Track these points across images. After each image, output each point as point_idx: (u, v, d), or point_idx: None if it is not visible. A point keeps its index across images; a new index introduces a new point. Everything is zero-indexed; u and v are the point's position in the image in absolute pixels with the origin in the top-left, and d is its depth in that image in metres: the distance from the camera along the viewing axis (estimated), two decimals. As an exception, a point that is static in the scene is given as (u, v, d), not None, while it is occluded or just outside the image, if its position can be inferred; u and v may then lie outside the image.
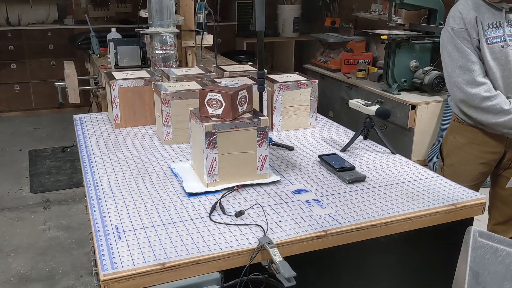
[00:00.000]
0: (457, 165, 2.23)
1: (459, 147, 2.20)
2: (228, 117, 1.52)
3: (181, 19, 2.90)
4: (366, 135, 2.00)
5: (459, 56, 2.03)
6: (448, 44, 2.07)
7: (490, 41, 1.99)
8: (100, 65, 3.41)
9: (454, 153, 2.22)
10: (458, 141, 2.20)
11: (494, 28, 1.98)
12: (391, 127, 3.66)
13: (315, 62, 4.75)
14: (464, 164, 2.20)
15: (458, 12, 2.03)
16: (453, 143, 2.23)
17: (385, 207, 1.43)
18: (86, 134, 2.09)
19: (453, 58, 2.05)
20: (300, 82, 2.12)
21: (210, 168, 1.52)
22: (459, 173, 2.16)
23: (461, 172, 2.18)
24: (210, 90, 1.54)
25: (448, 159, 2.27)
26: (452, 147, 2.24)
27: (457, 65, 2.04)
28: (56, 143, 4.97)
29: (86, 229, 3.19)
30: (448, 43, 2.07)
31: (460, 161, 2.21)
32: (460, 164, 2.21)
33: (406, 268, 1.50)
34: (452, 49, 2.05)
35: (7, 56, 5.66)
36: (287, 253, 1.24)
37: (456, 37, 2.03)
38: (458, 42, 2.02)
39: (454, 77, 2.06)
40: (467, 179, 2.13)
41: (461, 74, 2.03)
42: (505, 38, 1.98)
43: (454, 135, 2.22)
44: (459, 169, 2.21)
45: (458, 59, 2.03)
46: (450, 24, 2.05)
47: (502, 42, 1.98)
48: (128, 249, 1.21)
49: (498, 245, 1.28)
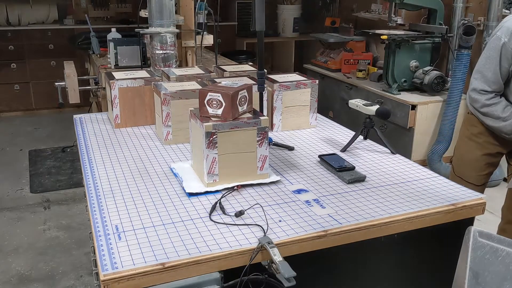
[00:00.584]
0: (465, 154, 2.36)
1: (469, 138, 2.32)
2: (228, 117, 1.52)
3: (181, 19, 2.90)
4: (366, 135, 2.00)
5: (489, 68, 2.11)
6: (492, 51, 2.12)
7: None
8: (100, 65, 3.41)
9: (465, 143, 2.36)
10: (470, 132, 2.32)
11: None
12: (391, 127, 3.66)
13: (315, 62, 4.75)
14: (472, 153, 2.32)
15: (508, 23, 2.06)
16: (465, 134, 2.36)
17: (385, 207, 1.43)
18: (86, 134, 2.09)
19: (484, 65, 2.14)
20: (300, 82, 2.12)
21: (210, 168, 1.52)
22: (467, 163, 2.31)
23: (469, 161, 2.31)
24: (210, 90, 1.54)
25: (458, 150, 2.42)
26: (463, 137, 2.37)
27: (482, 72, 2.15)
28: (56, 143, 4.97)
29: (86, 229, 3.19)
30: (492, 50, 2.11)
31: (469, 150, 2.34)
32: (468, 153, 2.34)
33: (406, 268, 1.50)
34: (490, 58, 2.11)
35: (7, 56, 5.66)
36: (287, 253, 1.24)
37: (501, 52, 2.08)
38: (500, 58, 2.08)
39: (473, 77, 2.21)
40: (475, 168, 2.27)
41: (479, 80, 2.16)
42: None
43: (467, 126, 2.35)
44: (467, 158, 2.34)
45: (488, 70, 2.12)
46: (506, 37, 2.06)
47: None
48: (128, 249, 1.21)
49: (498, 245, 1.28)
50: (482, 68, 2.16)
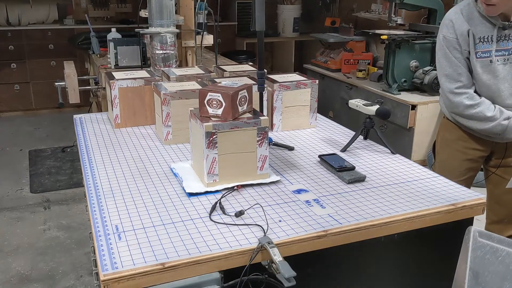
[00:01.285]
0: (445, 161, 2.28)
1: (447, 144, 2.25)
2: (228, 117, 1.52)
3: (181, 19, 2.90)
4: (366, 135, 2.00)
5: (446, 65, 2.07)
6: (439, 51, 2.10)
7: (479, 55, 2.00)
8: (100, 65, 3.41)
9: (443, 149, 2.27)
10: (447, 137, 2.25)
11: (484, 42, 1.99)
12: (391, 127, 3.66)
13: (315, 62, 4.75)
14: (452, 160, 2.24)
15: (450, 21, 2.04)
16: (443, 140, 2.28)
17: (385, 207, 1.43)
18: (86, 134, 2.09)
19: (441, 66, 2.09)
20: (300, 82, 2.12)
21: (210, 168, 1.52)
22: (448, 169, 2.19)
23: (449, 168, 2.21)
24: (210, 90, 1.54)
25: (439, 156, 2.34)
26: (442, 143, 2.29)
27: (444, 73, 2.09)
28: (56, 143, 4.97)
29: (86, 229, 3.19)
30: (439, 50, 2.10)
31: (448, 157, 2.26)
32: (448, 160, 2.26)
33: (406, 268, 1.50)
34: (441, 57, 2.09)
35: (7, 56, 5.66)
36: (287, 253, 1.24)
37: (446, 46, 2.05)
38: (447, 51, 2.05)
39: (441, 83, 2.13)
40: (455, 174, 2.15)
41: (446, 82, 2.09)
42: (493, 53, 1.98)
43: (444, 132, 2.28)
44: (447, 165, 2.25)
45: (446, 67, 2.07)
46: (442, 31, 2.07)
47: (491, 57, 1.99)
48: (128, 249, 1.21)
49: (498, 245, 1.28)
50: (441, 71, 2.10)
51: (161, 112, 1.92)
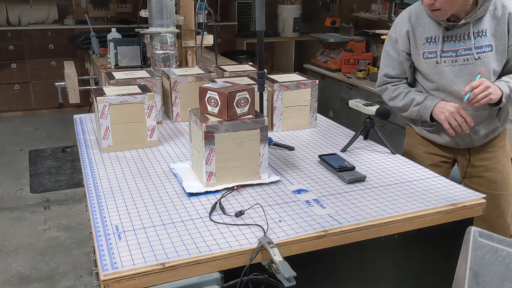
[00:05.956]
0: None
1: (409, 149, 2.20)
2: (223, 116, 1.52)
3: (181, 19, 2.90)
4: (366, 135, 2.00)
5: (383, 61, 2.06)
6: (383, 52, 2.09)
7: (426, 56, 1.93)
8: (100, 65, 3.42)
9: (408, 154, 2.20)
10: (410, 142, 2.21)
11: (431, 42, 1.92)
12: (391, 127, 3.66)
13: (315, 62, 4.75)
14: None
15: (397, 20, 2.03)
16: (408, 144, 2.24)
17: (385, 207, 1.43)
18: (86, 134, 2.09)
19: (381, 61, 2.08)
20: (300, 82, 2.12)
21: (209, 168, 1.52)
22: None
23: None
24: (209, 88, 1.54)
25: None
26: (406, 148, 2.24)
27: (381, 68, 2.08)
28: (56, 143, 4.96)
29: (86, 229, 3.19)
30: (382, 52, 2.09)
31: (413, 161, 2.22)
32: None
33: (406, 268, 1.50)
34: (382, 53, 2.08)
35: (7, 56, 5.66)
36: (287, 253, 1.24)
37: (386, 43, 2.05)
38: (387, 48, 2.04)
39: None
40: None
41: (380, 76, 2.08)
42: (439, 54, 1.90)
43: (407, 138, 2.25)
44: None
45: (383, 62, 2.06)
46: (390, 30, 2.06)
47: (436, 58, 1.90)
48: (128, 249, 1.21)
49: (498, 245, 1.28)
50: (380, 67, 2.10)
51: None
